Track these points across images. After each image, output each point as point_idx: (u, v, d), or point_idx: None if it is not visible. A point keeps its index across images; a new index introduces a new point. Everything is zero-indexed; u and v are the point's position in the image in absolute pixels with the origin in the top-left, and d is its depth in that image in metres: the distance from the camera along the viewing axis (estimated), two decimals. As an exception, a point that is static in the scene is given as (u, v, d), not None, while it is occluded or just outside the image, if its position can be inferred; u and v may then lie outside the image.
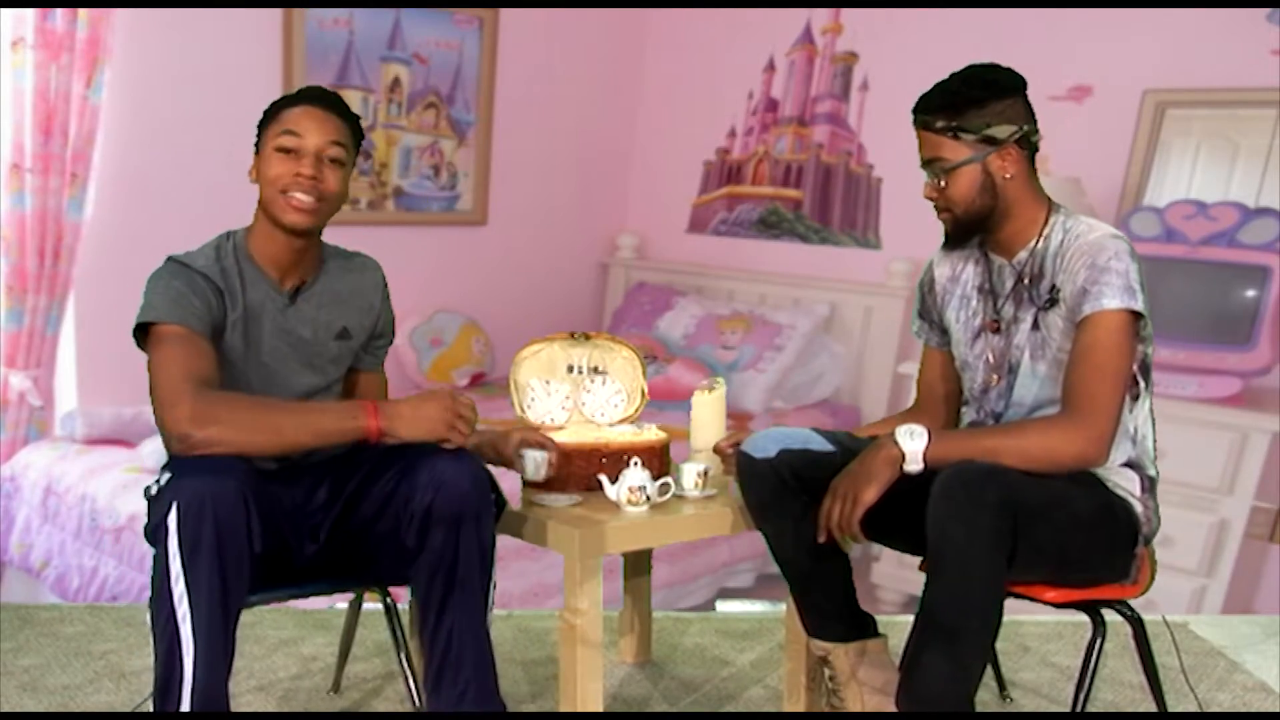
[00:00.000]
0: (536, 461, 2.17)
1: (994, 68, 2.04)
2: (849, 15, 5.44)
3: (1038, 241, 2.05)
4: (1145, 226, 4.19)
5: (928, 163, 2.06)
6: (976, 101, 2.00)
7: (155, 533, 1.79)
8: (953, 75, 2.03)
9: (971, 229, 2.08)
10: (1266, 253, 3.99)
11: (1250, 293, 4.01)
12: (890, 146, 5.30)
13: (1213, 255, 4.08)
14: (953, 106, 2.01)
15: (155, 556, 1.79)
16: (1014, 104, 2.02)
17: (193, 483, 1.77)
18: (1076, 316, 1.96)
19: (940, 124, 2.02)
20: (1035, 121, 2.04)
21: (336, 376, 2.17)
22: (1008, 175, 2.02)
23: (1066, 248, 2.00)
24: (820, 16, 5.55)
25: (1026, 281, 2.06)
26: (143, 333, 1.97)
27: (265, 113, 2.09)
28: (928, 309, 2.26)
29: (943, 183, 2.04)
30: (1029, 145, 2.04)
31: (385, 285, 2.24)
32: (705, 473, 2.24)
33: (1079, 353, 1.95)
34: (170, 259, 2.02)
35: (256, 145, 2.07)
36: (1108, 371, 1.92)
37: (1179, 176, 4.50)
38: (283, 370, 2.08)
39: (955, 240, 2.13)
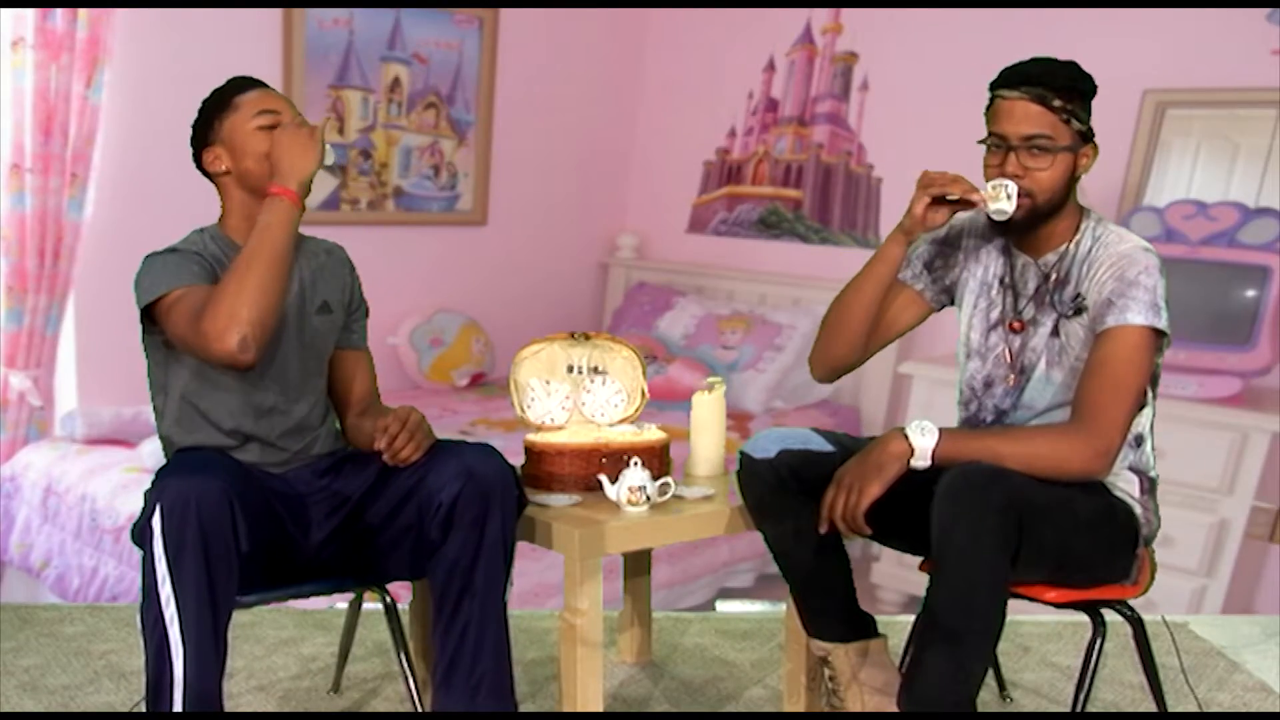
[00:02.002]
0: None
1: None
2: (849, 15, 5.44)
3: (1069, 245, 2.04)
4: (1145, 226, 4.19)
5: (1027, 138, 1.96)
6: (1085, 94, 1.99)
7: (141, 535, 1.80)
8: (1055, 61, 1.98)
9: (1037, 220, 2.01)
10: (1266, 253, 3.99)
11: (1250, 293, 4.01)
12: (890, 146, 5.30)
13: (1213, 255, 4.07)
14: (1071, 90, 1.97)
15: (142, 558, 1.80)
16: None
17: (176, 483, 1.78)
18: (1098, 326, 1.95)
19: (1058, 103, 1.96)
20: None
21: (324, 352, 2.18)
22: (1081, 175, 2.01)
23: (1095, 256, 1.99)
24: (820, 16, 5.54)
25: (1050, 285, 2.05)
26: (149, 320, 1.99)
27: (211, 107, 2.08)
28: (937, 264, 2.19)
29: (1039, 163, 1.96)
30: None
31: (351, 262, 2.25)
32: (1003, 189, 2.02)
33: (1096, 363, 1.94)
34: (149, 254, 2.03)
35: (207, 139, 2.07)
36: (1123, 387, 1.91)
37: (1179, 176, 4.50)
38: (279, 348, 2.08)
39: (1015, 228, 2.03)
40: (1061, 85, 1.96)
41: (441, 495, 1.94)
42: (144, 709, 1.84)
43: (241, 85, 2.10)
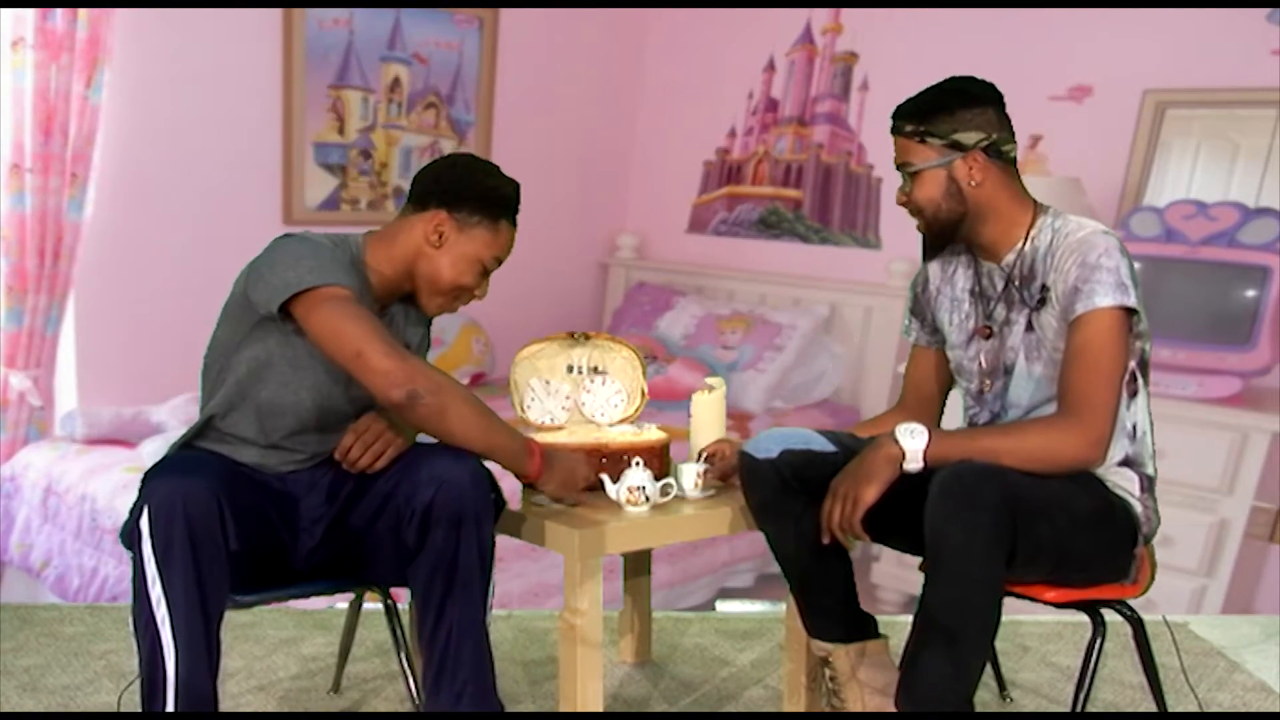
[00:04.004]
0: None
1: (969, 79, 2.06)
2: (849, 15, 5.45)
3: (1024, 244, 2.05)
4: (1145, 226, 4.19)
5: (899, 167, 2.08)
6: (945, 108, 2.02)
7: (130, 536, 1.80)
8: (930, 86, 2.06)
9: (942, 234, 2.08)
10: (1266, 253, 3.99)
11: (1250, 293, 4.01)
12: (890, 146, 5.28)
13: (1213, 255, 4.07)
14: (921, 113, 2.04)
15: (132, 560, 1.80)
16: (984, 113, 2.02)
17: (164, 484, 1.78)
18: (1069, 316, 1.95)
19: (909, 128, 2.04)
20: (1010, 133, 2.04)
21: None
22: (974, 182, 2.02)
23: (1056, 247, 2.00)
24: (820, 16, 5.55)
25: (1017, 283, 2.06)
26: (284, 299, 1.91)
27: (487, 200, 2.07)
28: (920, 308, 2.26)
29: (909, 186, 2.06)
30: (999, 155, 2.03)
31: None
32: (705, 472, 2.24)
33: (1073, 352, 1.94)
34: (284, 236, 1.98)
35: (456, 208, 2.05)
36: (1103, 371, 1.92)
37: (1179, 176, 4.50)
38: (356, 393, 2.06)
39: (930, 247, 2.13)
40: (908, 112, 2.05)
41: (415, 502, 1.93)
42: (130, 699, 1.84)
43: (514, 211, 2.11)
